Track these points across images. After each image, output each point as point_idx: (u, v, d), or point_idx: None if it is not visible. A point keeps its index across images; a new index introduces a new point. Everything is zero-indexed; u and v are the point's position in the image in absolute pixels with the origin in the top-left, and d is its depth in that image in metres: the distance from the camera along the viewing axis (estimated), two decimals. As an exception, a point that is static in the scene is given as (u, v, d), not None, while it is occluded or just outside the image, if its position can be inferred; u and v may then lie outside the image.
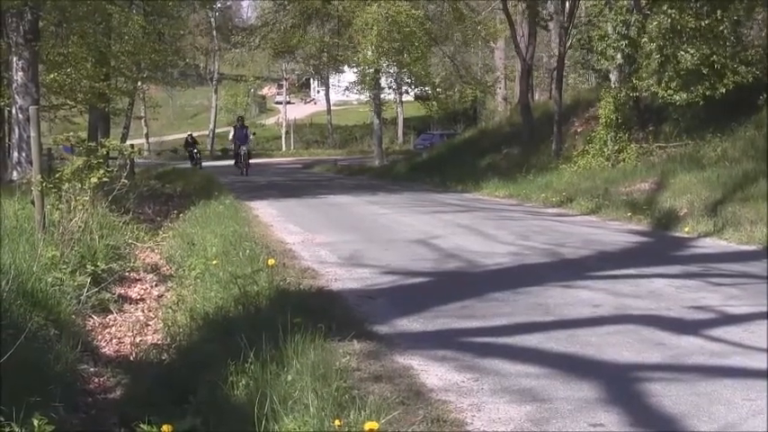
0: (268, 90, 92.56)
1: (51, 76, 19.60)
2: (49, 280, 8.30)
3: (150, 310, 9.51)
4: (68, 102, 21.84)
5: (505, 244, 12.66)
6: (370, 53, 36.78)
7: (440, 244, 12.80)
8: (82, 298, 8.73)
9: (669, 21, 20.77)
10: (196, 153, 46.31)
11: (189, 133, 51.40)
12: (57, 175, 11.21)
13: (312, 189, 26.00)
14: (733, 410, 5.27)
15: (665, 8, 21.09)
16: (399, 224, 15.65)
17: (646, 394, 5.58)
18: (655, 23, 21.22)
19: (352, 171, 39.14)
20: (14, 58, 19.03)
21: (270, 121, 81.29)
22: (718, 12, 20.48)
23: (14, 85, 19.16)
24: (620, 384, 5.81)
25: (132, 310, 9.50)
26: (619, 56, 22.53)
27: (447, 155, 35.30)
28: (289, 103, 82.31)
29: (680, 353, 6.56)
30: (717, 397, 5.50)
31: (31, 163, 12.23)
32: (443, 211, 17.54)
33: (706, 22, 20.46)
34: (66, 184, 10.91)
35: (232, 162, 39.27)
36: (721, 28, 20.41)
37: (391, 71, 40.67)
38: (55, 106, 24.13)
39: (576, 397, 5.55)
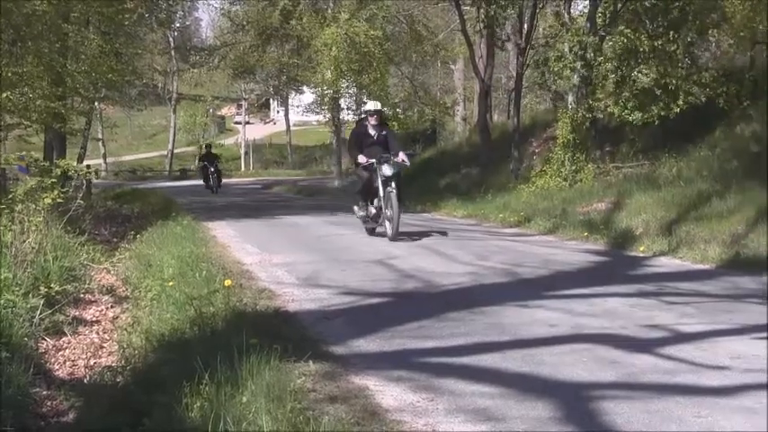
0: (227, 110, 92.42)
1: (5, 95, 19.41)
2: (1, 302, 8.22)
3: (105, 332, 9.45)
4: (23, 122, 21.62)
5: (463, 264, 12.69)
6: (329, 74, 36.85)
7: (398, 264, 12.80)
8: (35, 320, 8.65)
9: (624, 41, 21.01)
10: (213, 172, 40.76)
11: (206, 144, 48.36)
12: (10, 196, 11.13)
13: (271, 209, 25.93)
14: (684, 427, 5.31)
15: (621, 28, 21.34)
16: (358, 244, 15.65)
17: (599, 413, 5.61)
18: (610, 44, 21.47)
19: (311, 191, 39.09)
20: (-32, 79, 18.85)
21: (229, 141, 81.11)
22: (671, 33, 20.75)
23: (-32, 106, 18.96)
24: (574, 403, 5.83)
25: (87, 332, 9.43)
26: (575, 76, 22.72)
27: (406, 175, 35.30)
28: (248, 123, 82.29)
29: (633, 371, 6.60)
30: (668, 414, 5.54)
31: (-16, 184, 12.12)
32: (401, 232, 17.53)
33: (659, 42, 20.71)
34: (20, 205, 10.83)
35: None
36: (674, 48, 20.66)
37: (351, 92, 40.78)
38: (9, 126, 23.93)
39: (530, 416, 5.57)
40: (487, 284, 11.01)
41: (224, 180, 41.27)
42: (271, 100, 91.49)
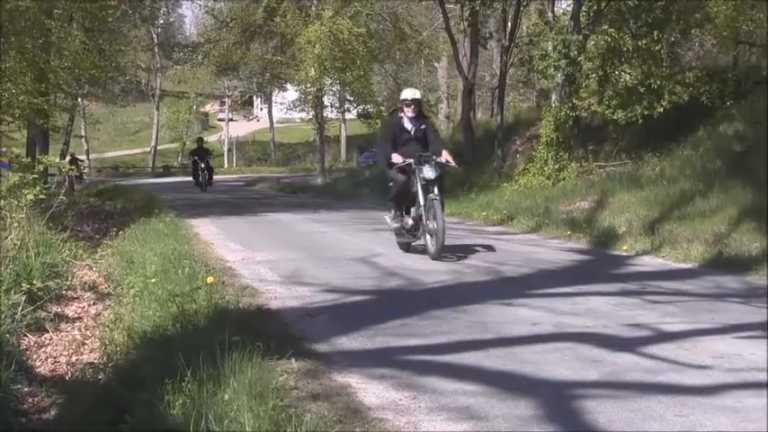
0: (211, 107, 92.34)
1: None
2: (-17, 299, 8.18)
3: (87, 329, 9.40)
4: (6, 117, 21.52)
5: (446, 262, 12.68)
6: (312, 71, 36.80)
7: (381, 262, 12.82)
8: (16, 317, 8.62)
9: (608, 40, 21.07)
10: (203, 169, 38.66)
11: (197, 137, 46.99)
12: (-8, 192, 11.08)
13: (254, 206, 25.91)
14: (666, 426, 5.33)
15: (605, 27, 21.39)
16: (341, 242, 15.65)
17: (581, 411, 5.62)
18: (593, 43, 21.51)
19: (294, 189, 39.01)
20: (-49, 74, 18.76)
21: (212, 138, 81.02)
22: (655, 33, 20.81)
23: (-49, 102, 18.87)
24: (556, 402, 5.84)
25: (69, 328, 9.39)
26: (559, 75, 22.74)
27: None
28: (231, 120, 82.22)
29: (616, 370, 6.61)
30: (650, 413, 5.55)
31: (-34, 180, 12.06)
32: (385, 229, 17.49)
33: (644, 42, 20.77)
34: (2, 201, 10.77)
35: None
36: (658, 48, 20.72)
37: (334, 89, 40.75)
38: (-9, 122, 23.85)
39: (512, 414, 5.57)
40: (470, 283, 11.02)
41: None
42: (254, 97, 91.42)
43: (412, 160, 13.16)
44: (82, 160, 54.75)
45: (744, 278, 11.14)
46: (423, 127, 13.75)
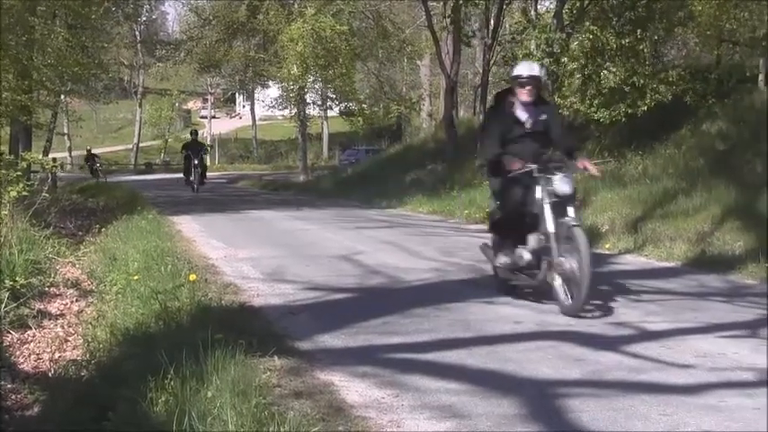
0: (193, 104, 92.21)
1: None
2: (-34, 296, 8.16)
3: (70, 326, 9.38)
4: (-11, 115, 21.47)
5: (429, 260, 12.69)
6: (295, 69, 36.79)
7: (363, 260, 12.80)
8: (-1, 313, 8.61)
9: (591, 38, 21.08)
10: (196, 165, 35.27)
11: (191, 130, 44.02)
12: (-26, 189, 11.04)
13: (236, 204, 25.89)
14: (649, 425, 5.33)
15: (588, 24, 21.40)
16: (323, 240, 15.63)
17: (564, 410, 5.62)
18: (576, 42, 21.52)
19: (276, 186, 39.00)
20: (-67, 71, 18.67)
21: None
22: (639, 31, 20.84)
23: (-67, 99, 18.77)
24: (539, 400, 5.84)
25: (52, 325, 9.37)
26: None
27: (372, 171, 35.36)
28: (214, 117, 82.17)
29: (599, 368, 6.62)
30: (634, 412, 5.56)
31: (-51, 177, 12.00)
32: (367, 227, 17.58)
33: (627, 40, 20.80)
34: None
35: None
36: (641, 47, 20.75)
37: (316, 87, 40.77)
38: (-26, 119, 23.74)
39: (495, 413, 5.57)
40: (453, 281, 11.02)
41: None
42: (236, 94, 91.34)
43: (534, 166, 9.12)
44: (99, 156, 54.50)
45: (727, 277, 11.19)
46: (544, 117, 9.64)
